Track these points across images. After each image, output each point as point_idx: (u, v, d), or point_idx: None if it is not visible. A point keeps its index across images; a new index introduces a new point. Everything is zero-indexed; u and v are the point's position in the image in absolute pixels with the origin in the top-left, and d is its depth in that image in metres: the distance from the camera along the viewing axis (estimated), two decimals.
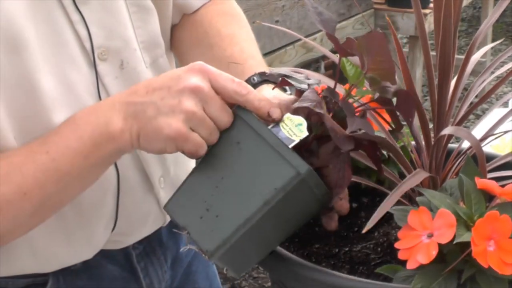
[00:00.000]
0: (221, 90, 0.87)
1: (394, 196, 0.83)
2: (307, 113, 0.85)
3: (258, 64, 1.10)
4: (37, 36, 0.95)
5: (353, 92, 0.89)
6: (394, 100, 0.90)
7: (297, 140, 0.84)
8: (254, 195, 0.83)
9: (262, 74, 1.00)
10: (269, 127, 0.85)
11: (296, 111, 0.86)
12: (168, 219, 1.20)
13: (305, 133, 0.84)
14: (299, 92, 0.90)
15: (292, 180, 0.82)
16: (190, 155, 0.88)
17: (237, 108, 0.87)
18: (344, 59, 0.89)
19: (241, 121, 0.86)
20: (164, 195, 1.14)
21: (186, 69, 0.88)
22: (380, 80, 0.86)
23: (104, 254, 1.14)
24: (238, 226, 0.82)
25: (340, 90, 0.99)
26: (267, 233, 0.85)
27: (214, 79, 0.87)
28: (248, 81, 1.02)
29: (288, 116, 0.86)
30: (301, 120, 0.84)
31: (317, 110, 0.83)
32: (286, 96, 0.96)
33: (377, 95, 0.90)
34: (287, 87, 0.97)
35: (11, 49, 0.92)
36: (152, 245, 1.22)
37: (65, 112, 0.98)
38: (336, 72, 0.90)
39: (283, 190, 0.82)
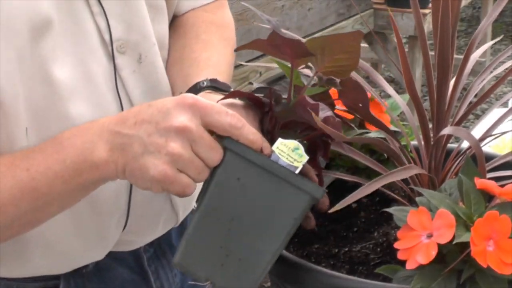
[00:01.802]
0: (215, 124, 0.83)
1: (376, 183, 0.83)
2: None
3: (217, 75, 1.07)
4: (58, 26, 0.95)
5: None
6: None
7: (300, 167, 0.82)
8: (273, 229, 0.81)
9: (213, 80, 0.98)
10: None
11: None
12: (180, 219, 1.19)
13: (305, 157, 0.82)
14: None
15: (308, 205, 0.82)
16: (178, 195, 0.86)
17: (227, 141, 0.83)
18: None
19: (235, 156, 0.83)
20: None
21: (176, 102, 0.85)
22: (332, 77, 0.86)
23: (115, 257, 1.14)
24: (266, 264, 0.82)
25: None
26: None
27: (206, 113, 0.83)
28: (197, 84, 1.01)
29: (281, 141, 0.83)
30: (295, 143, 0.82)
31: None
32: (238, 102, 0.93)
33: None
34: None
35: (31, 38, 0.92)
36: (162, 247, 1.22)
37: (83, 103, 0.97)
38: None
39: (301, 217, 0.82)
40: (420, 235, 0.79)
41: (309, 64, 0.87)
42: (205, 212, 0.84)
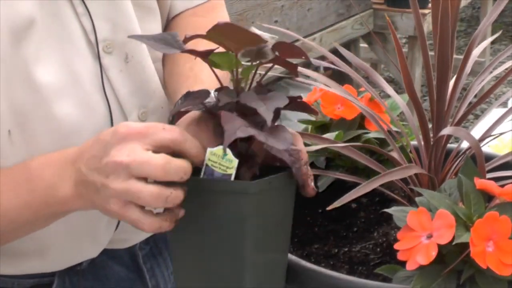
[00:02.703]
0: (156, 144, 0.81)
1: (375, 182, 0.83)
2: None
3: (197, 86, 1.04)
4: (41, 27, 0.94)
5: None
6: None
7: (233, 172, 0.80)
8: (235, 239, 0.81)
9: (186, 95, 0.91)
10: (202, 173, 0.82)
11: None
12: None
13: (235, 161, 0.80)
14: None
15: (250, 204, 0.80)
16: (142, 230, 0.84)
17: None
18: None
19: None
20: None
21: (111, 135, 0.82)
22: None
23: (110, 255, 1.14)
24: (247, 272, 0.82)
25: (339, 91, 0.99)
26: (274, 245, 0.85)
27: (142, 137, 0.81)
28: (176, 103, 0.97)
29: (210, 151, 0.81)
30: (221, 149, 0.80)
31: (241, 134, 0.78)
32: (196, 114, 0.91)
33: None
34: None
35: (13, 39, 0.91)
36: (158, 245, 1.22)
37: (69, 103, 0.97)
38: (335, 72, 0.90)
39: (250, 217, 0.80)
40: (420, 236, 0.79)
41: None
42: (176, 240, 0.86)
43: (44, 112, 0.95)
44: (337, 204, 0.81)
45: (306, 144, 0.90)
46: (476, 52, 1.00)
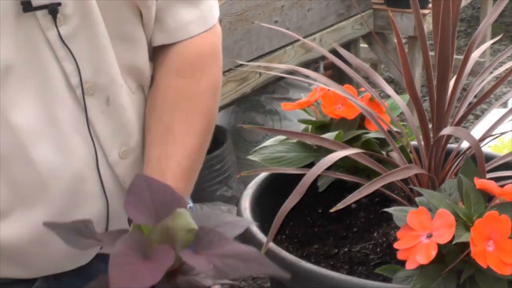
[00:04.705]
0: None
1: (376, 183, 0.83)
2: None
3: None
4: (19, 71, 0.95)
5: None
6: None
7: None
8: None
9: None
10: None
11: None
12: None
13: None
14: None
15: None
16: None
17: None
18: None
19: None
20: None
21: None
22: None
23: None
24: None
25: (339, 90, 0.99)
26: None
27: None
28: None
29: None
30: None
31: None
32: None
33: None
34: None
35: None
36: None
37: (47, 147, 0.99)
38: (335, 72, 0.90)
39: None
40: (420, 235, 0.79)
41: None
42: None
43: (22, 155, 0.97)
44: (340, 205, 0.81)
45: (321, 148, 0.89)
46: (476, 53, 1.00)
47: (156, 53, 1.14)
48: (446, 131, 0.91)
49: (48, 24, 0.96)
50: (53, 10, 0.96)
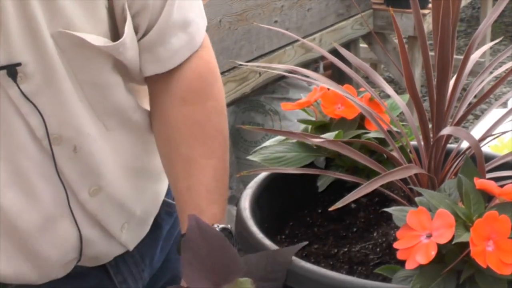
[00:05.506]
0: None
1: (375, 182, 0.82)
2: None
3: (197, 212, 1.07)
4: None
5: None
6: None
7: None
8: None
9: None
10: None
11: None
12: (132, 246, 1.23)
13: None
14: None
15: None
16: None
17: None
18: None
19: None
20: (127, 236, 1.19)
21: None
22: None
23: None
24: None
25: (339, 90, 0.99)
26: None
27: None
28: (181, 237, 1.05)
29: None
30: None
31: None
32: None
33: None
34: None
35: None
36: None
37: (12, 193, 1.02)
38: (335, 72, 0.90)
39: None
40: (419, 235, 0.79)
41: None
42: None
43: None
44: (339, 204, 0.81)
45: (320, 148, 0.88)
46: (476, 53, 1.00)
47: (153, 81, 1.15)
48: (446, 131, 0.91)
49: (9, 83, 0.98)
50: (11, 71, 0.97)
